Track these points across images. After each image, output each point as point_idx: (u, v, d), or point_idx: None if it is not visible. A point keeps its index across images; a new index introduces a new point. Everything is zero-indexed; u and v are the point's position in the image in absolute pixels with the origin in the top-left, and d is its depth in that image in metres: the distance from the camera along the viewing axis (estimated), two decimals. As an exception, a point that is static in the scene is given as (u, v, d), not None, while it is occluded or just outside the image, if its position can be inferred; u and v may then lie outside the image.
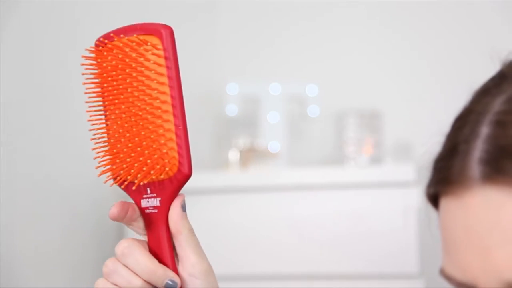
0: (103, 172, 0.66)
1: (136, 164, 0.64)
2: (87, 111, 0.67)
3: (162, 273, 0.64)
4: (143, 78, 0.63)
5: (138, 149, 0.63)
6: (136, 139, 0.63)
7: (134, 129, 0.64)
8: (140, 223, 0.67)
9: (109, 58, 0.64)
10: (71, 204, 1.35)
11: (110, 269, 0.65)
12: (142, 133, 0.63)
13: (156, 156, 0.63)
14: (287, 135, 1.70)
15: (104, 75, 0.65)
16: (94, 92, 0.67)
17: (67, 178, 1.34)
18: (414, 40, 1.80)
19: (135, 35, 0.64)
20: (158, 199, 0.65)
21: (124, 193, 0.68)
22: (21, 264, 1.20)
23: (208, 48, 1.82)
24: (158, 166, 0.63)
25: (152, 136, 0.63)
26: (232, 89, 1.70)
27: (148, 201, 0.66)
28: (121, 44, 0.64)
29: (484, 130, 0.48)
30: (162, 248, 0.65)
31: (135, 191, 0.66)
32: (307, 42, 1.86)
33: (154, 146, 0.63)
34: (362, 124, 1.66)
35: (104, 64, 0.64)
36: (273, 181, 1.41)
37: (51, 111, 1.31)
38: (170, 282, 0.64)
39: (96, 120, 0.67)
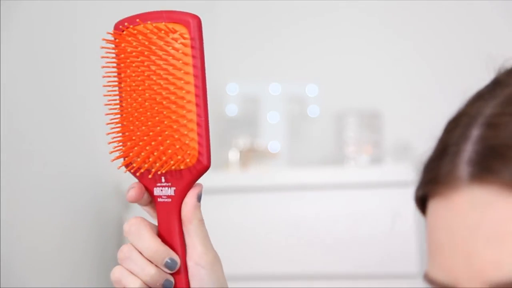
0: (117, 158, 0.66)
1: (155, 153, 0.63)
2: (105, 95, 0.66)
3: (163, 251, 0.64)
4: (170, 67, 0.62)
5: (159, 138, 0.63)
6: (158, 128, 0.63)
7: (156, 118, 0.63)
8: (151, 209, 0.68)
9: (134, 43, 0.63)
10: (71, 203, 1.35)
11: (126, 255, 0.65)
12: (165, 122, 0.62)
13: (177, 146, 0.63)
14: (287, 135, 1.70)
15: (128, 61, 0.64)
16: (115, 77, 0.65)
17: (66, 177, 1.34)
18: (414, 40, 1.80)
19: (163, 23, 0.63)
20: (173, 188, 0.65)
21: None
22: (21, 264, 1.21)
23: (208, 48, 1.82)
24: (179, 157, 0.63)
25: (174, 126, 0.62)
26: (232, 89, 1.70)
27: (162, 190, 0.66)
28: (147, 31, 0.63)
29: (475, 132, 0.49)
30: (172, 236, 0.65)
31: (148, 179, 0.66)
32: (307, 42, 1.86)
33: (176, 136, 0.62)
34: (362, 124, 1.66)
35: (129, 50, 0.63)
36: (273, 181, 1.41)
37: (50, 109, 1.31)
38: (169, 261, 0.64)
39: (115, 105, 0.66)
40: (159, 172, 0.64)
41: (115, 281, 0.65)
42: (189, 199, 0.65)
